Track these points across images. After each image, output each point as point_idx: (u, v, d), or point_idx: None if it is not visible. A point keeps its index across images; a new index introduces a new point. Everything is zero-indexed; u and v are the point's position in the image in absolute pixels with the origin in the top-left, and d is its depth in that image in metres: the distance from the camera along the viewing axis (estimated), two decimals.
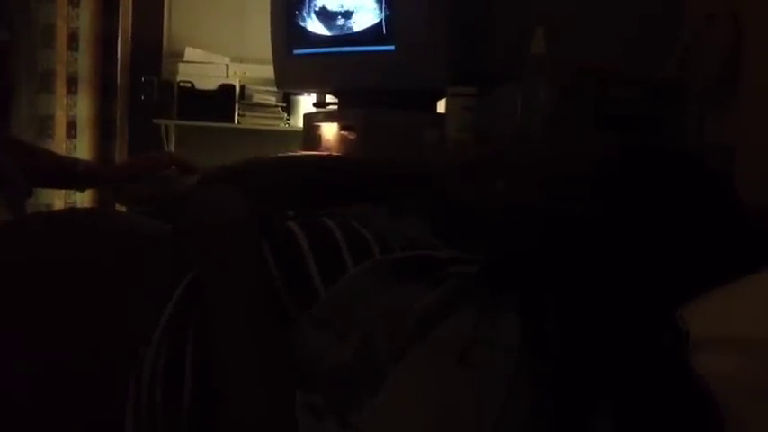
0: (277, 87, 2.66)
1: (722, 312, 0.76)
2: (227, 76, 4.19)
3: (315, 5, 2.32)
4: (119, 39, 4.12)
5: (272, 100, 4.22)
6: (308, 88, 3.44)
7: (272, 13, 2.52)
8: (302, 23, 2.37)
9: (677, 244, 0.83)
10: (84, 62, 3.98)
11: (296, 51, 2.41)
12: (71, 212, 1.68)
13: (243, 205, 0.93)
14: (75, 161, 1.85)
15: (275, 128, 4.18)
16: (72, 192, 3.86)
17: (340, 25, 2.25)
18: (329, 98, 2.72)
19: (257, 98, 4.21)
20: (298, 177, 1.16)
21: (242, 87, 4.23)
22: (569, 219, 0.87)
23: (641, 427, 0.70)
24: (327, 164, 1.27)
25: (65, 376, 0.80)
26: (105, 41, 4.07)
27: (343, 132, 2.20)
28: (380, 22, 2.12)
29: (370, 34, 2.15)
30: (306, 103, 4.01)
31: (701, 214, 0.85)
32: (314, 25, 2.33)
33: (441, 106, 2.30)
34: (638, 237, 0.83)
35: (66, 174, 1.70)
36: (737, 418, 0.70)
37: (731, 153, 1.56)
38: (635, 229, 0.84)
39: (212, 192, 1.00)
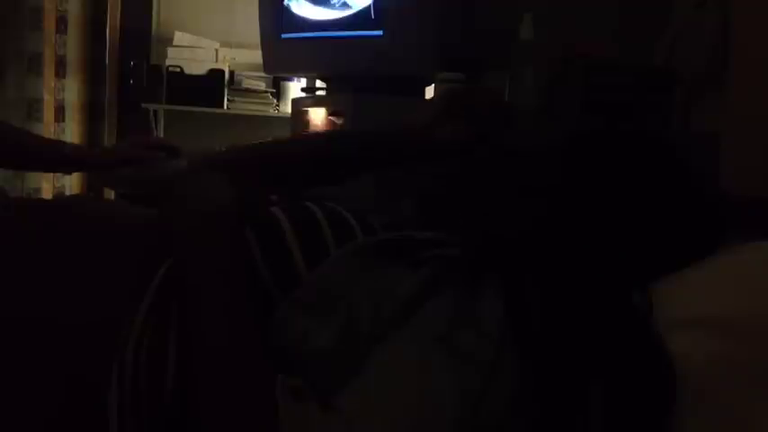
0: (265, 71, 2.66)
1: (700, 294, 0.77)
2: (217, 61, 4.17)
3: None
4: (108, 22, 4.09)
5: (262, 85, 4.21)
6: (296, 72, 3.43)
7: None
8: (291, 7, 2.36)
9: (642, 225, 0.84)
10: (73, 45, 3.96)
11: (284, 35, 2.40)
12: (54, 198, 1.68)
13: (228, 191, 0.93)
14: (63, 144, 1.84)
15: (264, 113, 4.17)
16: (60, 175, 3.84)
17: (329, 9, 2.25)
18: (318, 83, 2.71)
19: (246, 83, 4.20)
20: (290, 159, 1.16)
21: (231, 72, 4.21)
22: (547, 200, 0.88)
23: (627, 407, 0.71)
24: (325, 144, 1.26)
25: (41, 356, 0.80)
26: (94, 25, 4.05)
27: (331, 117, 2.20)
28: (369, 6, 2.11)
29: (359, 19, 2.14)
30: (295, 88, 4.00)
31: (663, 196, 0.86)
32: (302, 9, 2.32)
33: (429, 92, 2.30)
34: (606, 218, 0.84)
35: (54, 157, 1.70)
36: (717, 397, 0.71)
37: (716, 141, 1.56)
38: (603, 210, 0.85)
39: (198, 177, 0.99)
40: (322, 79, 2.62)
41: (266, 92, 4.20)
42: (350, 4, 2.18)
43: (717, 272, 0.79)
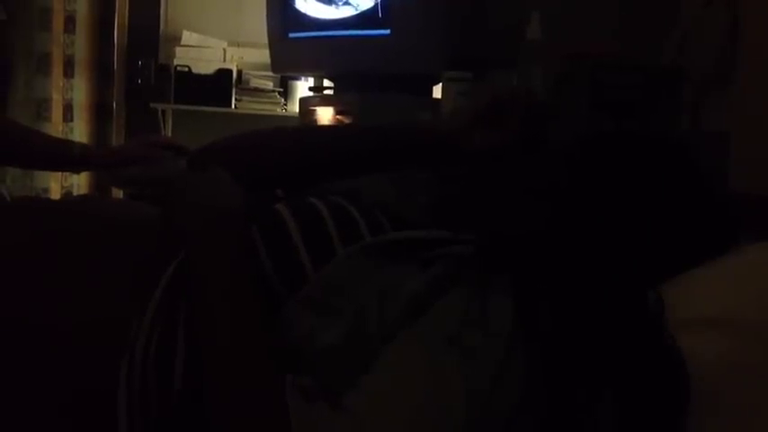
0: (272, 71, 2.66)
1: (711, 294, 0.77)
2: (225, 61, 4.18)
3: None
4: (116, 22, 4.10)
5: (269, 85, 4.21)
6: (303, 72, 3.43)
7: None
8: (298, 7, 2.36)
9: (653, 225, 0.84)
10: (81, 45, 3.96)
11: (291, 35, 2.40)
12: (63, 198, 1.69)
13: (232, 189, 0.92)
14: (71, 143, 1.85)
15: (272, 113, 4.17)
16: (69, 175, 3.85)
17: (336, 8, 2.25)
18: (326, 82, 2.72)
19: (254, 83, 4.20)
20: (294, 152, 1.14)
21: (239, 72, 4.21)
22: (558, 201, 0.88)
23: (639, 408, 0.71)
24: (328, 137, 1.22)
25: (50, 354, 0.80)
26: (102, 24, 4.05)
27: (338, 117, 2.20)
28: (376, 5, 2.11)
29: (366, 18, 2.15)
30: (303, 88, 4.00)
31: (674, 196, 0.86)
32: (310, 8, 2.32)
33: (437, 91, 2.30)
34: (618, 218, 0.84)
35: (62, 156, 1.70)
36: (729, 398, 0.71)
37: (727, 140, 1.56)
38: (614, 211, 0.84)
39: (202, 175, 0.99)
40: (329, 78, 2.63)
41: (274, 91, 4.21)
42: (357, 3, 2.18)
43: (728, 272, 0.79)
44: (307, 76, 3.81)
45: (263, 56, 2.82)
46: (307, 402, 0.73)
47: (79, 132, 3.97)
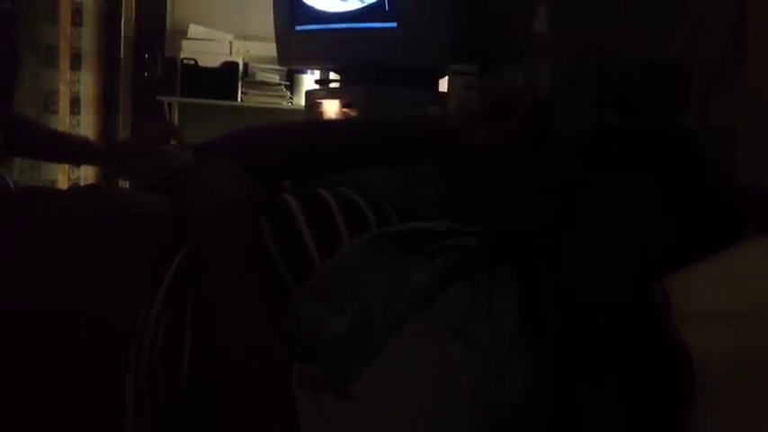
0: (279, 64, 2.66)
1: (717, 287, 0.77)
2: (231, 54, 4.18)
3: None
4: (122, 15, 4.11)
5: (276, 78, 4.22)
6: (309, 65, 3.43)
7: None
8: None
9: (660, 220, 0.84)
10: (88, 38, 3.98)
11: (298, 27, 2.40)
12: (70, 189, 1.69)
13: (240, 179, 0.93)
14: (71, 138, 1.87)
15: (278, 106, 4.18)
16: (76, 167, 3.87)
17: (343, 1, 2.25)
18: (332, 75, 2.72)
19: (260, 76, 4.21)
20: (302, 147, 1.14)
21: (245, 65, 4.22)
22: (566, 195, 0.88)
23: (644, 404, 0.71)
24: (335, 132, 1.23)
25: (54, 345, 0.80)
26: (109, 17, 4.06)
27: (344, 109, 2.20)
28: None
29: (373, 11, 2.14)
30: (309, 81, 4.00)
31: (680, 191, 0.86)
32: (317, 1, 2.32)
33: (443, 84, 2.30)
34: (624, 214, 0.84)
35: (63, 150, 1.72)
36: (728, 391, 0.71)
37: (733, 134, 1.56)
38: (621, 206, 0.85)
39: (210, 166, 1.00)
40: (336, 71, 2.63)
41: (280, 84, 4.21)
42: None
43: (731, 266, 0.79)
44: (313, 69, 3.80)
45: (270, 49, 2.83)
46: (313, 392, 0.73)
47: (86, 124, 3.98)
